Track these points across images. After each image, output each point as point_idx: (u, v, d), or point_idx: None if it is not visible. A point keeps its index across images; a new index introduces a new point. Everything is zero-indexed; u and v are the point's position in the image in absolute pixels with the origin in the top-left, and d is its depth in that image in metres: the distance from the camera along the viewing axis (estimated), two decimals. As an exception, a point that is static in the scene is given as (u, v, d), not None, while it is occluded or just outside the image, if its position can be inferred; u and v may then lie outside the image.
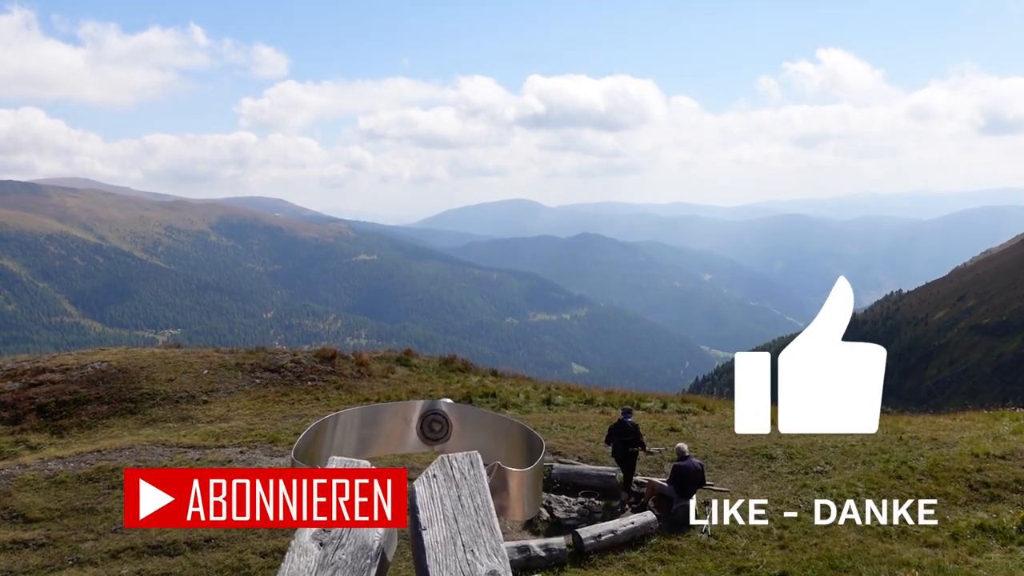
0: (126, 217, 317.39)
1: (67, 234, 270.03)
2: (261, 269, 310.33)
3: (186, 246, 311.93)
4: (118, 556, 11.23)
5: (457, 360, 24.39)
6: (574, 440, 15.95)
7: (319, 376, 21.02)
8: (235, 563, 10.96)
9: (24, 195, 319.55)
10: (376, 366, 22.46)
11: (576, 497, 12.88)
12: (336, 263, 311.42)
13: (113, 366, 20.69)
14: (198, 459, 14.47)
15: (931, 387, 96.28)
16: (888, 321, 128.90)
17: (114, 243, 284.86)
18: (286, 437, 15.85)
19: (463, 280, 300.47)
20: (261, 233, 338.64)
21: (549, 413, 18.88)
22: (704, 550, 10.96)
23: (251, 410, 18.61)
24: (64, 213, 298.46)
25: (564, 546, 10.97)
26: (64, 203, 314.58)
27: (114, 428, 17.92)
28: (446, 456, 1.75)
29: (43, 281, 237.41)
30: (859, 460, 14.27)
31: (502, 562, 1.47)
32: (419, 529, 1.56)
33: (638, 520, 11.67)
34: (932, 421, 17.86)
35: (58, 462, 14.65)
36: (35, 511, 12.64)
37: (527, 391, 20.93)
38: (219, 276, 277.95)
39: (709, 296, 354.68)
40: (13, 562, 11.21)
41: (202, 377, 20.41)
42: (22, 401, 19.11)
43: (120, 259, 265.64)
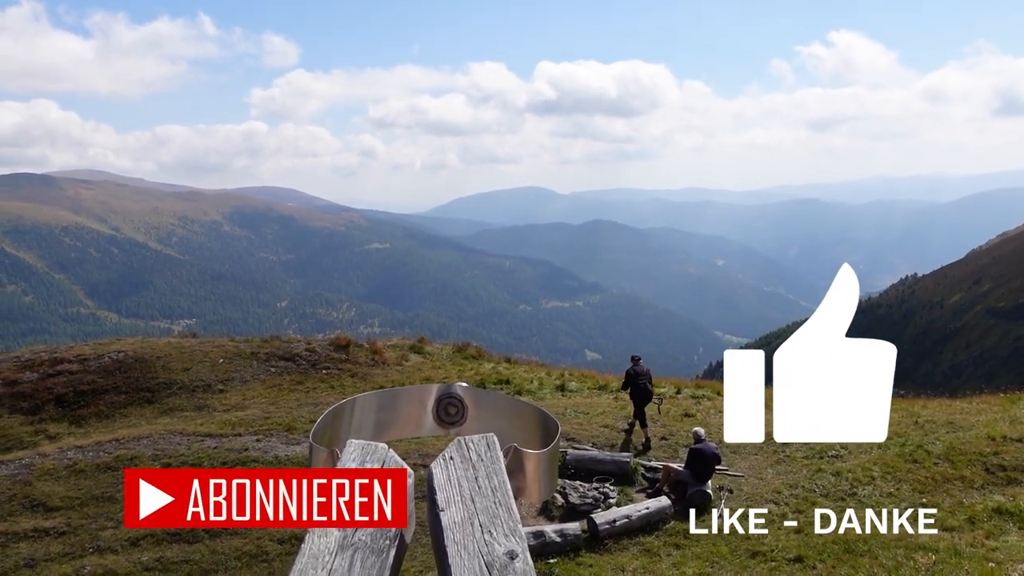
0: (140, 208, 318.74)
1: (82, 226, 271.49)
2: (274, 259, 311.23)
3: (200, 236, 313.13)
4: (138, 544, 11.36)
5: (471, 347, 24.44)
6: (588, 426, 15.98)
7: (333, 364, 21.11)
8: (253, 549, 11.07)
9: (39, 187, 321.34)
10: (390, 354, 22.53)
11: (591, 483, 12.91)
12: (349, 252, 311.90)
13: (130, 356, 20.84)
14: (215, 447, 14.58)
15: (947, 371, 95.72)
16: (903, 305, 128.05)
17: (129, 234, 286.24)
18: (302, 425, 15.95)
19: (476, 268, 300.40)
20: (274, 223, 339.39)
21: (563, 399, 18.91)
22: (719, 535, 10.98)
23: (267, 398, 18.72)
24: (79, 205, 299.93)
25: (579, 531, 11.01)
26: (79, 195, 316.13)
27: (132, 417, 18.07)
28: (463, 438, 1.76)
29: (59, 272, 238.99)
30: (874, 444, 14.23)
31: (520, 542, 1.48)
32: (437, 510, 1.57)
33: (653, 505, 11.69)
34: (948, 405, 17.76)
35: (77, 451, 14.80)
36: (56, 500, 12.79)
37: (541, 377, 20.96)
38: (233, 266, 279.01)
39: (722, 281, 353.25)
40: (35, 550, 11.36)
41: (218, 366, 20.53)
42: (41, 391, 19.29)
43: (135, 250, 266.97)
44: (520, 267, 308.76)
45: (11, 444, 17.04)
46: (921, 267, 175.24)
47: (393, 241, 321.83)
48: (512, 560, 1.44)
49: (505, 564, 1.43)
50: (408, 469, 1.71)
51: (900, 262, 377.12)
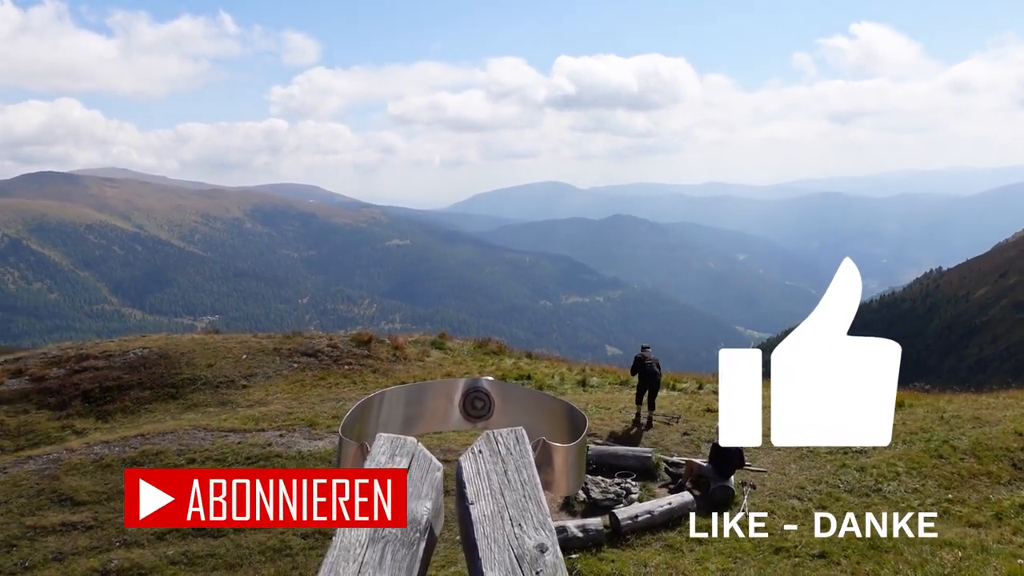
0: (163, 206, 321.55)
1: (106, 223, 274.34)
2: (296, 255, 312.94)
3: (222, 234, 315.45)
4: (163, 537, 11.48)
5: (492, 343, 24.46)
6: (610, 421, 15.96)
7: (355, 360, 21.21)
8: (277, 544, 11.16)
9: (64, 186, 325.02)
10: (411, 350, 22.61)
11: (612, 478, 12.89)
12: (370, 248, 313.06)
13: (154, 352, 21.04)
14: (239, 443, 14.70)
15: (972, 365, 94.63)
16: (928, 299, 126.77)
17: (152, 232, 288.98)
18: (324, 420, 16.05)
19: (496, 263, 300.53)
20: (295, 220, 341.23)
21: (584, 395, 18.90)
22: (742, 530, 10.92)
23: (289, 394, 18.85)
24: (103, 203, 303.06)
25: (601, 527, 10.99)
26: (103, 193, 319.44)
27: (156, 413, 18.25)
28: (491, 432, 1.76)
29: (84, 270, 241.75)
30: (899, 439, 14.10)
31: (549, 535, 1.48)
32: (466, 503, 1.58)
33: (675, 501, 11.65)
34: (974, 400, 17.58)
35: (103, 446, 14.98)
36: (83, 494, 12.95)
37: (562, 373, 20.96)
38: (255, 263, 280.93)
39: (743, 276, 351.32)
40: (63, 543, 11.51)
41: (241, 362, 20.69)
42: (68, 387, 19.53)
43: (158, 247, 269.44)
44: (540, 262, 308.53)
45: (39, 439, 17.27)
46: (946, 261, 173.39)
47: (413, 237, 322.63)
48: (542, 553, 1.44)
49: (535, 557, 1.43)
50: (437, 462, 1.72)
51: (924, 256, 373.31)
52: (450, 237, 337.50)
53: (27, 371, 20.68)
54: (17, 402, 19.08)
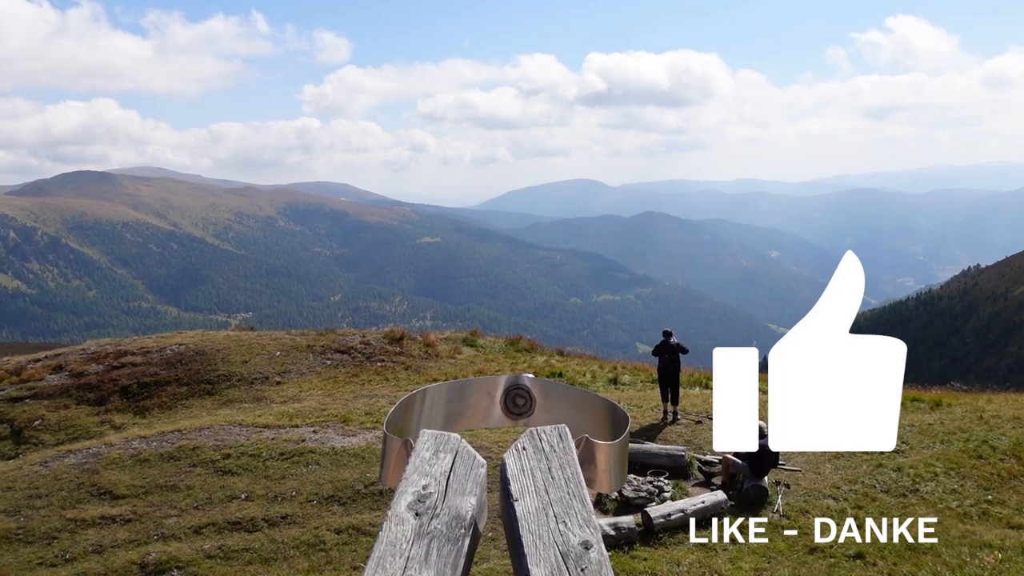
0: (198, 204, 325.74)
1: (142, 222, 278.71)
2: (328, 253, 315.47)
3: (255, 231, 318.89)
4: (200, 532, 11.63)
5: (523, 340, 24.48)
6: (641, 419, 15.89)
7: (388, 357, 21.33)
8: (311, 539, 11.25)
9: (101, 185, 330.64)
10: (443, 347, 22.69)
11: (645, 476, 12.85)
12: (401, 246, 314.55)
13: (190, 348, 21.33)
14: (273, 438, 14.85)
15: (1012, 364, 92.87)
16: (965, 297, 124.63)
17: (187, 229, 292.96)
18: (357, 417, 16.16)
19: (526, 261, 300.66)
20: (327, 218, 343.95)
21: (615, 392, 18.83)
22: (776, 530, 10.84)
23: (323, 390, 19.00)
24: (139, 201, 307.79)
25: (633, 525, 10.95)
26: (139, 192, 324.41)
27: (193, 408, 18.50)
28: (534, 429, 1.76)
29: (121, 267, 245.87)
30: (937, 439, 13.90)
31: (594, 532, 1.48)
32: (511, 500, 1.58)
33: (709, 500, 11.58)
34: (1014, 399, 17.26)
35: (141, 441, 15.21)
36: (121, 488, 13.16)
37: (593, 371, 20.91)
38: (287, 260, 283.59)
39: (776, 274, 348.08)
40: (103, 536, 11.70)
41: (275, 359, 20.90)
42: (106, 383, 19.86)
43: (193, 245, 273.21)
44: (571, 260, 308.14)
45: (79, 434, 17.59)
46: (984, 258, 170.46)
47: (444, 235, 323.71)
48: (587, 550, 1.44)
49: (580, 554, 1.43)
50: (480, 459, 1.72)
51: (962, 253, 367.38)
52: (481, 235, 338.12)
53: (67, 367, 21.07)
54: (58, 397, 19.46)
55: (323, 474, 13.24)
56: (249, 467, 13.67)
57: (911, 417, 15.11)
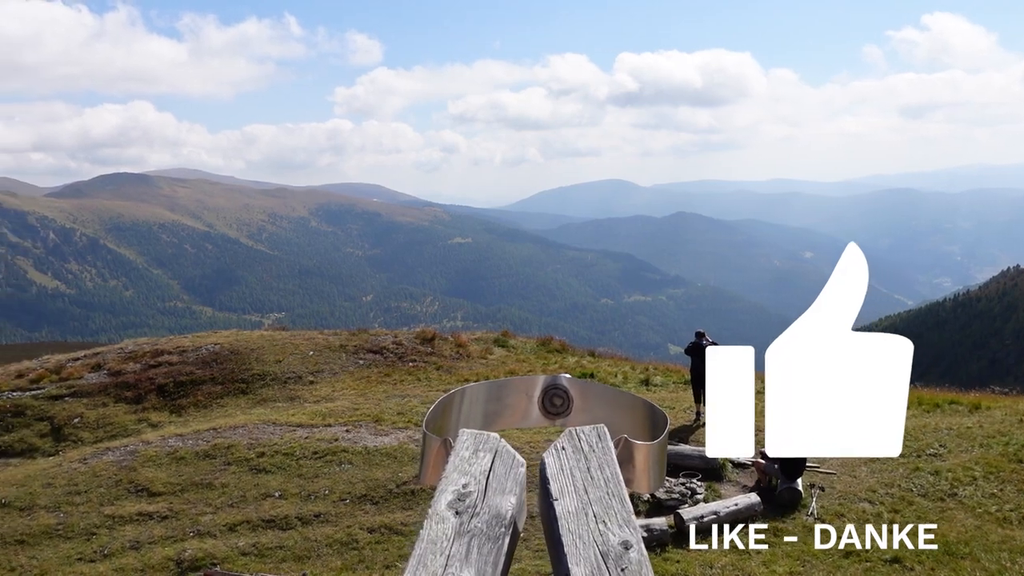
0: (232, 205, 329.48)
1: (178, 223, 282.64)
2: (360, 253, 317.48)
3: (288, 232, 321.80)
4: (235, 529, 11.78)
5: (554, 341, 24.44)
6: (674, 421, 15.81)
7: (420, 357, 21.42)
8: (344, 537, 11.34)
9: (138, 186, 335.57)
10: (474, 347, 22.73)
11: (677, 478, 12.78)
12: (432, 247, 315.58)
13: (225, 348, 21.59)
14: (306, 437, 14.99)
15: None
16: (1005, 298, 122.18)
17: (222, 230, 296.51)
18: (389, 416, 16.25)
19: (557, 261, 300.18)
20: (359, 219, 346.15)
21: (647, 393, 18.74)
22: (810, 533, 10.72)
23: (355, 390, 19.13)
24: (175, 203, 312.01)
25: (666, 526, 10.90)
26: (174, 193, 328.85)
27: (228, 407, 18.72)
28: (573, 429, 1.77)
29: (157, 268, 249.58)
30: (976, 443, 13.66)
31: (634, 532, 1.48)
32: (550, 499, 1.58)
33: (742, 502, 11.50)
34: (1056, 403, 16.92)
35: (177, 439, 15.43)
36: (158, 485, 13.37)
37: (625, 372, 20.83)
38: (320, 261, 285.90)
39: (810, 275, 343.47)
40: (139, 532, 11.89)
41: (308, 358, 21.08)
42: (143, 382, 20.17)
43: (227, 246, 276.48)
44: (602, 260, 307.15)
45: (116, 432, 17.88)
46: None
47: (475, 235, 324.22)
48: (627, 550, 1.45)
49: (620, 554, 1.43)
50: (520, 458, 1.73)
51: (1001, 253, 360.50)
52: (512, 235, 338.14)
53: (105, 365, 21.43)
54: (96, 395, 19.80)
55: (356, 473, 13.33)
56: (283, 465, 13.81)
57: (949, 420, 14.88)
